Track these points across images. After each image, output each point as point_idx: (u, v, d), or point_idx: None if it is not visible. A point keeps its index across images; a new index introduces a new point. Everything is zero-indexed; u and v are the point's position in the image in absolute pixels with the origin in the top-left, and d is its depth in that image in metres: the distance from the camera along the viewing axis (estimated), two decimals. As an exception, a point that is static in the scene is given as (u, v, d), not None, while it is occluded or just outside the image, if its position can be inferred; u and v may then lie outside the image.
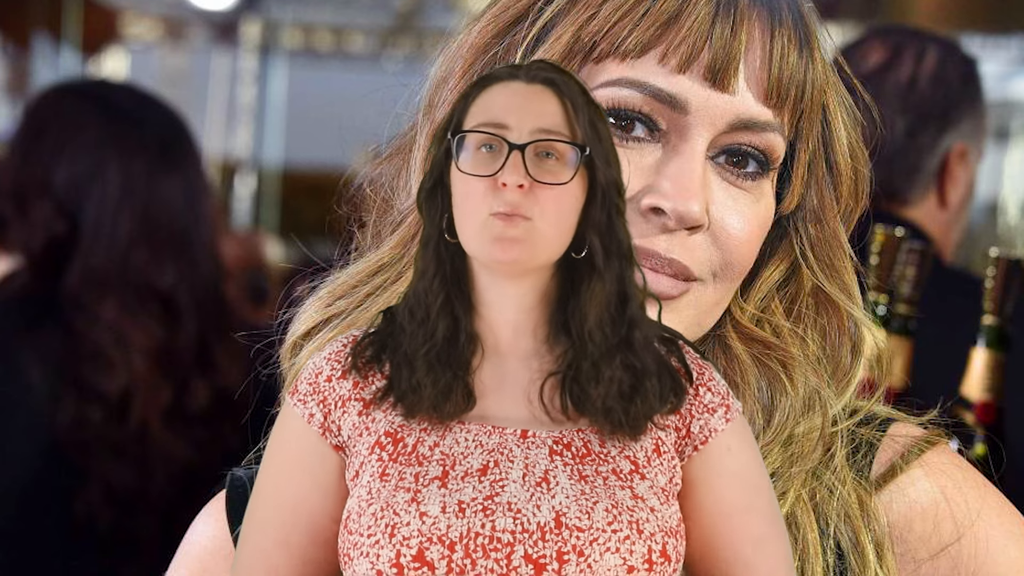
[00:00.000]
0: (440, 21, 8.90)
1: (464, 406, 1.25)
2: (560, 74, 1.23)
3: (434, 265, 1.25)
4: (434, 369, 1.24)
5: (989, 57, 7.22)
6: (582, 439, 1.25)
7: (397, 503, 1.21)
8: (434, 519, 1.20)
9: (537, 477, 1.22)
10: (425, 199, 1.25)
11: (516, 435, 1.25)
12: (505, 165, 1.20)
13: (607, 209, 1.23)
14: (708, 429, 1.27)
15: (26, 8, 8.87)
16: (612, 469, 1.24)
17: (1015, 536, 1.54)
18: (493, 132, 1.21)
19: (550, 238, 1.22)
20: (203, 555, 1.59)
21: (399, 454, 1.25)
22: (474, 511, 1.20)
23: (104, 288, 2.97)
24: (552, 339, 1.26)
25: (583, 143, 1.22)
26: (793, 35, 1.50)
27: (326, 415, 1.28)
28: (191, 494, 2.81)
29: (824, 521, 1.50)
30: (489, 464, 1.23)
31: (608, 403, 1.23)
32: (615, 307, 1.24)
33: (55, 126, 3.05)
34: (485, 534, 1.20)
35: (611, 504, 1.21)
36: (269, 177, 10.49)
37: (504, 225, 1.20)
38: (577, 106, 1.22)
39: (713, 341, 1.55)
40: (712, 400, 1.28)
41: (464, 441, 1.24)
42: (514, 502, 1.21)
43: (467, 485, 1.22)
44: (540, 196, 1.20)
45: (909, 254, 2.30)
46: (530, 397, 1.26)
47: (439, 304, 1.24)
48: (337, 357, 1.30)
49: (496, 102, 1.22)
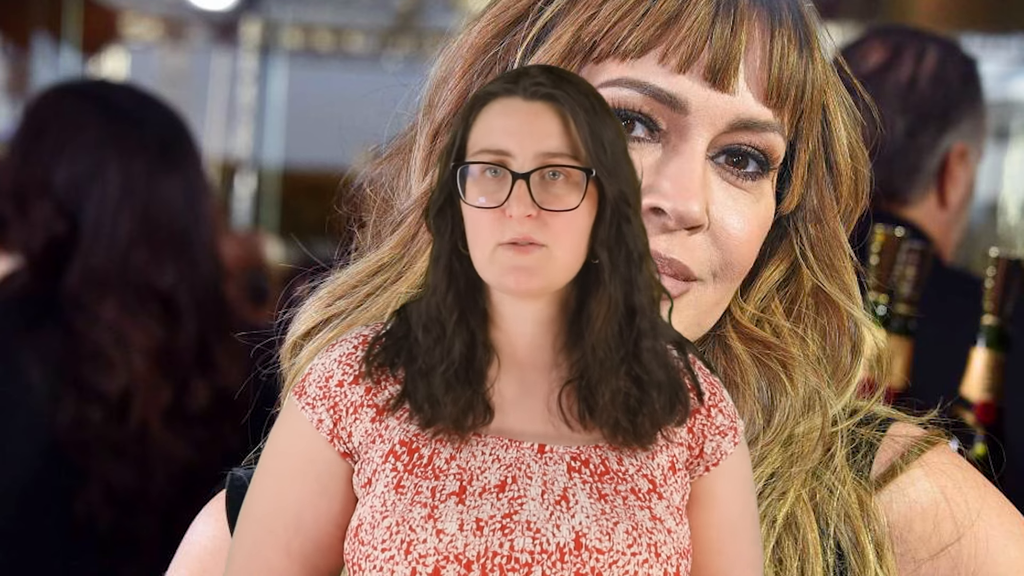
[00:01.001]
0: (440, 21, 8.90)
1: (483, 420, 1.23)
2: (559, 86, 1.20)
3: (446, 281, 1.22)
4: (453, 388, 1.22)
5: (989, 57, 7.22)
6: (600, 456, 1.23)
7: (413, 519, 1.19)
8: (451, 537, 1.18)
9: (556, 495, 1.20)
10: (435, 216, 1.22)
11: (534, 450, 1.23)
12: (511, 197, 1.18)
13: (616, 223, 1.21)
14: (720, 452, 1.27)
15: (26, 8, 8.86)
16: (631, 488, 1.22)
17: (1015, 536, 1.54)
18: (495, 162, 1.19)
19: (565, 263, 1.20)
20: (203, 555, 1.58)
21: (415, 465, 1.23)
22: (492, 529, 1.18)
23: (104, 288, 2.96)
24: (569, 347, 1.24)
25: (588, 166, 1.19)
26: (793, 35, 1.50)
27: (336, 421, 1.26)
28: (191, 494, 2.81)
29: (824, 521, 1.50)
30: (507, 480, 1.21)
31: (613, 415, 1.22)
32: (623, 318, 1.22)
33: (55, 126, 3.05)
34: (503, 553, 1.18)
35: (631, 526, 1.20)
36: (269, 177, 10.48)
37: (516, 254, 1.18)
38: (579, 121, 1.19)
39: (713, 341, 1.55)
40: (723, 423, 1.27)
41: (481, 455, 1.22)
42: (533, 521, 1.19)
43: (485, 502, 1.20)
44: (550, 222, 1.18)
45: (909, 254, 2.30)
46: (550, 406, 1.24)
47: (454, 321, 1.22)
48: (349, 360, 1.27)
49: (496, 125, 1.20)
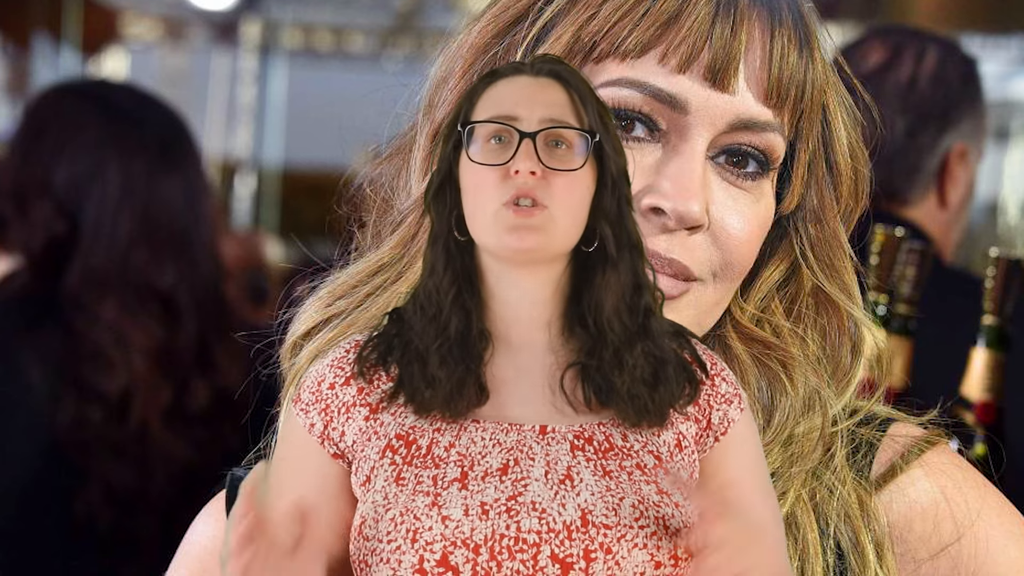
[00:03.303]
0: (440, 21, 8.90)
1: (476, 401, 1.24)
2: (565, 67, 1.24)
3: (444, 261, 1.24)
4: (447, 363, 1.23)
5: (989, 57, 7.22)
6: (604, 433, 1.24)
7: (417, 507, 1.20)
8: (457, 522, 1.19)
9: (560, 474, 1.21)
10: (433, 196, 1.24)
11: (535, 431, 1.23)
12: (517, 153, 1.20)
13: (617, 197, 1.23)
14: (727, 419, 1.28)
15: (26, 8, 8.87)
16: (636, 464, 1.23)
17: (1015, 536, 1.54)
18: (503, 122, 1.21)
19: (565, 226, 1.21)
20: (203, 555, 1.59)
21: (413, 456, 1.23)
22: (498, 512, 1.19)
23: (104, 288, 2.96)
24: (567, 332, 1.25)
25: (591, 130, 1.22)
26: (793, 35, 1.50)
27: (327, 423, 1.27)
28: (191, 494, 2.80)
29: (824, 521, 1.50)
30: (509, 463, 1.22)
31: (633, 390, 1.22)
32: (630, 295, 1.23)
33: (55, 126, 3.05)
34: (510, 535, 1.18)
35: (637, 500, 1.20)
36: (269, 177, 10.48)
37: (518, 215, 1.20)
38: (584, 96, 1.23)
39: (713, 341, 1.55)
40: (728, 390, 1.29)
41: (481, 440, 1.23)
42: (538, 501, 1.19)
43: (488, 485, 1.20)
44: (553, 184, 1.20)
45: (909, 254, 2.30)
46: (552, 388, 1.24)
47: (451, 299, 1.23)
48: (340, 363, 1.28)
49: (504, 95, 1.22)
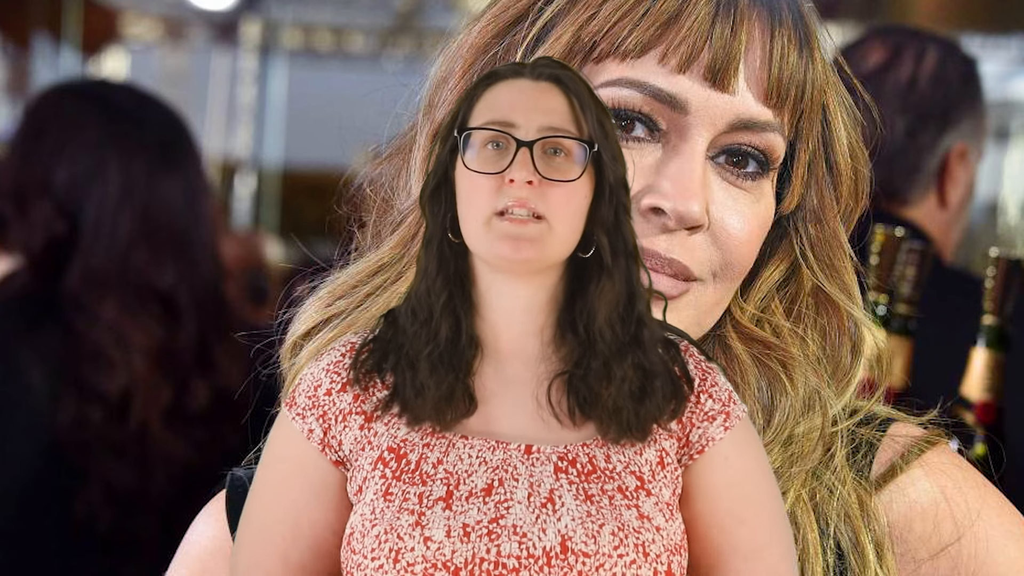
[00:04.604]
0: (440, 21, 8.90)
1: (465, 410, 1.23)
2: (565, 71, 1.22)
3: (436, 264, 1.23)
4: (437, 371, 1.22)
5: (989, 57, 7.22)
6: (587, 454, 1.23)
7: (401, 526, 1.20)
8: (439, 544, 1.18)
9: (542, 498, 1.20)
10: (428, 198, 1.23)
11: (520, 451, 1.23)
12: (513, 162, 1.19)
13: (615, 207, 1.22)
14: (706, 438, 1.25)
15: (26, 8, 8.87)
16: (618, 487, 1.22)
17: (1015, 536, 1.54)
18: (500, 129, 1.19)
19: (561, 237, 1.20)
20: (203, 555, 1.58)
21: (402, 471, 1.23)
22: (479, 535, 1.19)
23: (104, 288, 2.96)
24: (559, 339, 1.24)
25: (591, 139, 1.20)
26: (793, 35, 1.50)
27: (326, 430, 1.27)
28: (191, 494, 2.81)
29: (824, 521, 1.50)
30: (494, 483, 1.21)
31: (619, 403, 1.21)
32: (624, 305, 1.22)
33: (55, 126, 3.05)
34: (490, 559, 1.18)
35: (617, 527, 1.20)
36: (269, 177, 10.49)
37: (514, 224, 1.18)
38: (584, 103, 1.21)
39: (713, 341, 1.54)
40: (712, 408, 1.26)
41: (468, 458, 1.22)
42: (520, 525, 1.19)
43: (472, 507, 1.20)
44: (549, 194, 1.19)
45: (909, 254, 2.30)
46: (538, 399, 1.24)
47: (442, 304, 1.23)
48: (336, 368, 1.27)
49: (502, 100, 1.21)
